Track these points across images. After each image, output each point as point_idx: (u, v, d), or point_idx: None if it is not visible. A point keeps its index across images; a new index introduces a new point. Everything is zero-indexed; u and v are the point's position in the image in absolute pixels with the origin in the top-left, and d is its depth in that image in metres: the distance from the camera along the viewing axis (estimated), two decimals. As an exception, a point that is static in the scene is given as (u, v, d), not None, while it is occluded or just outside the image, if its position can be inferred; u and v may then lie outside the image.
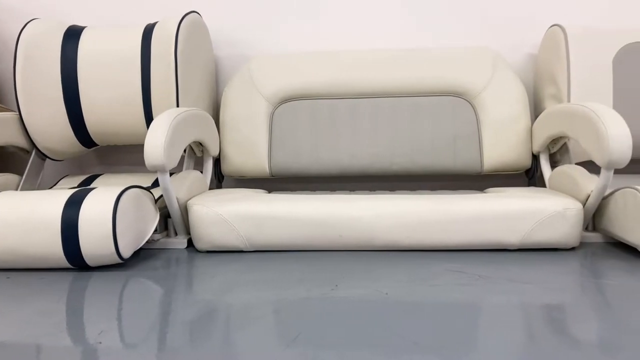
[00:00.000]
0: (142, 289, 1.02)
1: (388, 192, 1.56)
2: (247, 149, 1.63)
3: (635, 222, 1.16)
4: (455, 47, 1.69)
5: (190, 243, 1.35)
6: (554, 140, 1.54)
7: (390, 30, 1.78)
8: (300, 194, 1.47)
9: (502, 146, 1.59)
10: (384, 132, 1.62)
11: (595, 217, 1.34)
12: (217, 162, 1.69)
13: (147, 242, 1.24)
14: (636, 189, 1.16)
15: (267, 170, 1.64)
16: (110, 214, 1.09)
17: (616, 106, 1.52)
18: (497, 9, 1.75)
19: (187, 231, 1.35)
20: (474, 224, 1.22)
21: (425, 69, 1.63)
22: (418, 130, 1.62)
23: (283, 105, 1.65)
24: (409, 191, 1.59)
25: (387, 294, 0.96)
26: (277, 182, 1.83)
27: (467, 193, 1.45)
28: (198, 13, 1.64)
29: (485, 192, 1.49)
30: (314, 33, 1.79)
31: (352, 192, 1.59)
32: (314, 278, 1.05)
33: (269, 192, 1.58)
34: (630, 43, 1.54)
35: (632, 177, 1.58)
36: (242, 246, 1.25)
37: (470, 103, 1.62)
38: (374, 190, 1.64)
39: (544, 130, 1.51)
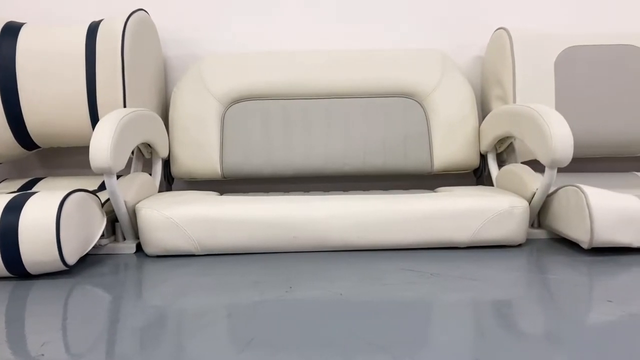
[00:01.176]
0: (89, 297, 0.98)
1: (342, 192, 1.57)
2: (198, 150, 1.60)
3: (577, 219, 1.21)
4: (406, 49, 1.71)
5: (139, 248, 1.31)
6: (501, 140, 1.58)
7: (341, 31, 1.79)
8: (253, 195, 1.45)
9: (451, 146, 1.63)
10: (337, 133, 1.62)
11: (540, 214, 1.39)
12: (166, 163, 1.65)
13: (93, 247, 1.19)
14: (578, 187, 1.21)
15: (219, 171, 1.61)
16: (53, 219, 1.04)
17: (558, 107, 1.58)
18: (445, 11, 1.79)
19: (136, 235, 1.31)
20: (426, 223, 1.23)
21: (377, 70, 1.65)
22: (370, 131, 1.63)
23: (235, 105, 1.63)
24: (362, 191, 1.60)
25: (341, 294, 0.96)
26: (229, 183, 1.80)
27: (418, 192, 1.47)
28: (145, 11, 1.59)
29: (435, 192, 1.52)
30: (266, 33, 1.78)
31: (305, 192, 1.59)
32: (268, 280, 1.04)
33: (221, 194, 1.55)
34: (570, 47, 1.60)
35: (574, 176, 1.65)
36: (193, 250, 1.23)
37: (420, 104, 1.64)
38: (328, 191, 1.64)
39: (491, 131, 1.55)
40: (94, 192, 1.23)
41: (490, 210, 1.25)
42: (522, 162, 1.55)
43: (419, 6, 1.78)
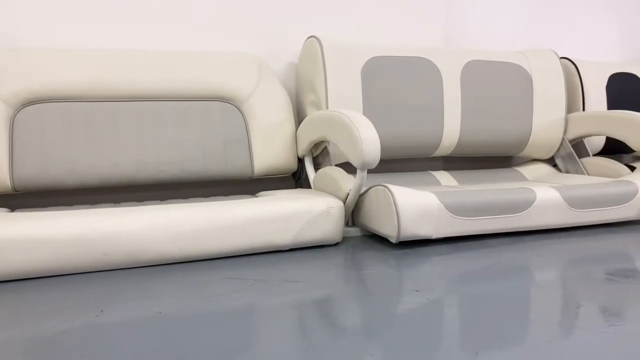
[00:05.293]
0: None
1: (157, 202, 1.48)
2: (-20, 160, 1.36)
3: (386, 216, 1.31)
4: (222, 52, 1.68)
5: None
6: (316, 144, 1.65)
7: (151, 31, 1.68)
8: (53, 209, 1.28)
9: (270, 151, 1.64)
10: (150, 138, 1.52)
11: (353, 213, 1.48)
12: (-62, 177, 1.37)
13: None
14: (385, 186, 1.31)
15: (9, 184, 1.39)
16: None
17: (365, 112, 1.70)
18: (259, 17, 1.80)
19: None
20: (248, 228, 1.22)
21: (192, 72, 1.58)
22: (187, 135, 1.56)
23: (27, 107, 1.42)
24: (180, 200, 1.53)
25: (160, 312, 0.89)
26: (22, 198, 1.57)
27: (240, 198, 1.46)
28: None
29: (256, 196, 1.52)
30: (66, 27, 1.59)
31: (116, 204, 1.46)
32: (74, 306, 0.92)
33: (12, 210, 1.35)
34: (374, 57, 1.74)
35: (382, 176, 1.79)
36: (-23, 278, 1.04)
37: (238, 109, 1.63)
38: (142, 201, 1.53)
39: (307, 135, 1.61)
40: None
41: (310, 212, 1.28)
42: (336, 165, 1.64)
43: (231, 10, 1.76)
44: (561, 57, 2.13)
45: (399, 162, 2.01)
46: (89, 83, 1.47)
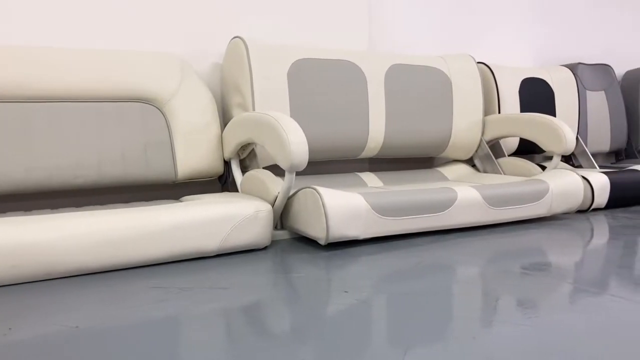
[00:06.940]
0: None
1: (74, 208, 1.39)
2: None
3: (314, 218, 1.31)
4: (141, 52, 1.61)
5: None
6: (243, 147, 1.62)
7: (66, 27, 1.58)
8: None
9: (195, 154, 1.59)
10: (66, 141, 1.43)
11: (282, 215, 1.47)
12: None
13: None
14: (314, 188, 1.31)
15: None
16: None
17: (293, 114, 1.69)
18: (181, 16, 1.74)
19: None
20: (172, 235, 1.18)
21: (109, 72, 1.50)
22: (105, 138, 1.48)
23: None
24: (98, 206, 1.45)
25: (77, 326, 0.83)
26: None
27: (163, 203, 1.40)
28: None
29: (181, 201, 1.47)
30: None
31: (27, 212, 1.36)
32: (-23, 325, 0.85)
33: None
34: (300, 59, 1.73)
35: (310, 178, 1.79)
36: None
37: (160, 110, 1.57)
38: (57, 208, 1.43)
39: (234, 138, 1.58)
40: None
41: (237, 216, 1.26)
42: (264, 167, 1.62)
43: (153, 9, 1.70)
44: (478, 62, 2.24)
45: (327, 164, 2.03)
46: (-6, 82, 1.36)
